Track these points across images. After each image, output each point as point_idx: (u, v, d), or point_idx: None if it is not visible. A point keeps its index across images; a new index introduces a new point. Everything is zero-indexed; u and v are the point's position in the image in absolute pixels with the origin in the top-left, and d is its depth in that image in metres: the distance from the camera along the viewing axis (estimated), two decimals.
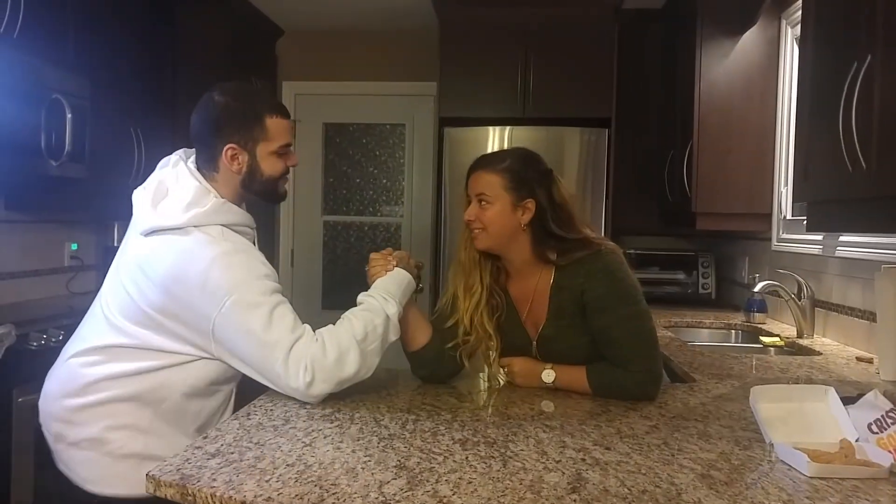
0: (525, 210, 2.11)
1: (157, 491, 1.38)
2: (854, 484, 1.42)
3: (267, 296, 1.88)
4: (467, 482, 1.38)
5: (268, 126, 2.03)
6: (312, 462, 1.48)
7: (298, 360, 1.84)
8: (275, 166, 2.07)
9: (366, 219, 6.12)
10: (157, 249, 1.92)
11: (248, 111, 2.02)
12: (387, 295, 2.04)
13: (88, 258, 4.53)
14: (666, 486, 1.38)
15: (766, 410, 1.72)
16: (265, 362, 1.86)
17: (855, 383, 2.45)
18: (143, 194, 2.01)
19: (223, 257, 1.88)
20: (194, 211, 1.93)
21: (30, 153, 3.21)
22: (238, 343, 1.87)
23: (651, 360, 2.07)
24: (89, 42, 3.72)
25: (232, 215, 2.01)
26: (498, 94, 4.70)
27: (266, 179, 2.07)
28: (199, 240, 1.91)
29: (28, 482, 2.82)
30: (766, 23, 4.03)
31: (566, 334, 2.14)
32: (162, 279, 1.88)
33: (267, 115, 2.03)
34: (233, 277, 1.87)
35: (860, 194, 2.05)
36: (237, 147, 2.01)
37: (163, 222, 1.93)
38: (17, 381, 2.77)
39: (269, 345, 1.84)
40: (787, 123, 3.93)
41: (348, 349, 1.89)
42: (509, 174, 2.12)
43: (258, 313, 1.85)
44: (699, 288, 4.76)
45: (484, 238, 2.13)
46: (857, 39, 2.07)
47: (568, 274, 2.11)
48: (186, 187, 1.99)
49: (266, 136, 2.03)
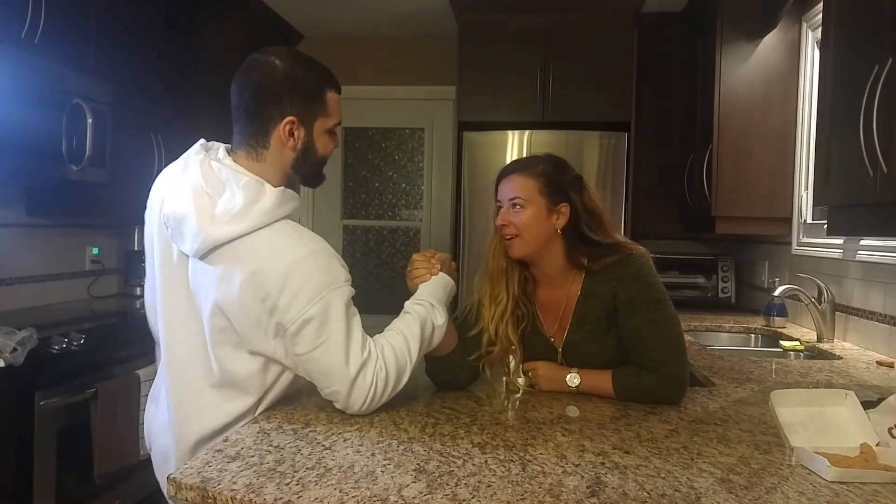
0: (560, 215, 2.10)
1: (178, 494, 1.39)
2: (874, 488, 1.41)
3: (347, 307, 1.78)
4: (486, 486, 1.39)
5: (328, 100, 1.90)
6: (332, 465, 1.48)
7: (363, 386, 1.77)
8: (327, 145, 1.94)
9: (385, 223, 6.13)
10: (226, 268, 1.73)
11: (312, 81, 1.88)
12: (435, 302, 1.98)
13: (109, 262, 4.56)
14: (685, 491, 1.38)
15: (786, 415, 1.72)
16: (330, 380, 1.77)
17: (875, 387, 2.44)
18: (182, 211, 1.78)
19: (302, 263, 1.72)
20: (256, 209, 1.73)
21: (51, 158, 3.23)
22: (308, 353, 1.75)
23: (678, 365, 2.06)
24: (110, 47, 3.74)
25: (291, 203, 1.83)
26: (517, 99, 4.71)
27: (319, 159, 1.94)
28: (275, 242, 1.74)
29: (50, 485, 2.84)
30: (787, 26, 4.01)
31: (591, 339, 2.13)
32: (241, 295, 1.71)
33: (328, 88, 1.90)
34: (316, 284, 1.72)
35: (881, 198, 2.04)
36: (297, 121, 1.85)
37: (223, 234, 1.71)
38: (39, 384, 2.79)
39: (340, 364, 1.74)
40: (808, 127, 3.91)
41: (404, 371, 1.85)
42: (544, 178, 2.10)
43: (338, 326, 1.74)
44: (719, 292, 4.74)
45: (519, 245, 2.11)
46: (878, 42, 2.06)
47: (599, 279, 2.11)
48: (236, 185, 1.77)
49: (326, 112, 1.90)
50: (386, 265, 6.09)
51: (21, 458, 2.75)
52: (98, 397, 2.96)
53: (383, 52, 5.85)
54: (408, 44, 5.80)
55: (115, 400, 3.05)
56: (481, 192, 4.60)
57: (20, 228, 3.83)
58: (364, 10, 5.21)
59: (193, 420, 1.85)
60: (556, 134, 4.57)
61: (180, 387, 1.89)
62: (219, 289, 1.74)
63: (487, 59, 4.73)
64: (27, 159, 3.10)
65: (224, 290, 1.73)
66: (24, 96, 3.04)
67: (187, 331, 1.85)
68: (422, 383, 2.20)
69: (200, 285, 1.79)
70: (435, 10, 5.03)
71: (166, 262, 1.88)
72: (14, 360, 2.62)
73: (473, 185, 4.64)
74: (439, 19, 5.14)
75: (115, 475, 3.10)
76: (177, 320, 1.87)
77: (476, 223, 4.62)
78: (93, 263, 4.41)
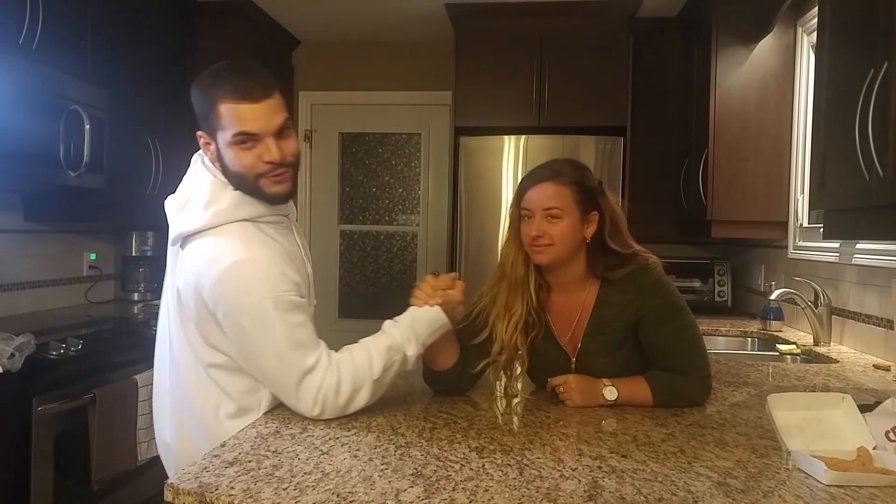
0: (590, 223, 2.07)
1: (176, 499, 1.39)
2: (871, 492, 1.42)
3: (285, 315, 1.76)
4: (484, 490, 1.39)
5: (220, 112, 1.80)
6: (330, 470, 1.49)
7: (311, 391, 1.78)
8: (236, 159, 1.82)
9: (382, 228, 6.13)
10: (186, 258, 1.84)
11: (200, 99, 1.85)
12: (412, 335, 1.91)
13: (107, 268, 4.56)
14: (682, 494, 1.39)
15: (783, 418, 1.72)
16: (278, 385, 1.82)
17: (872, 391, 2.44)
18: (169, 203, 1.92)
19: (238, 268, 1.76)
20: (214, 209, 1.81)
21: (48, 164, 3.24)
22: (253, 360, 1.80)
23: (707, 366, 2.09)
24: (107, 53, 3.75)
25: (254, 207, 1.86)
26: (513, 104, 4.71)
27: (234, 174, 1.85)
28: (218, 245, 1.79)
29: (47, 491, 2.84)
30: (782, 30, 4.02)
31: (606, 350, 2.12)
32: (194, 288, 1.79)
33: (220, 98, 1.80)
34: (248, 293, 1.75)
35: (877, 202, 2.04)
36: (204, 136, 1.87)
37: (184, 227, 1.83)
38: (36, 389, 2.79)
39: (281, 371, 1.78)
40: (804, 131, 3.92)
41: (362, 386, 1.83)
42: (577, 186, 2.05)
43: (274, 334, 1.75)
44: (715, 296, 4.74)
45: (550, 252, 2.05)
46: (873, 46, 2.06)
47: (616, 290, 2.09)
48: (202, 184, 1.86)
49: (220, 125, 1.81)
50: (383, 270, 6.09)
51: (19, 463, 2.75)
52: (96, 403, 2.97)
53: (380, 58, 5.85)
54: (404, 49, 5.80)
55: (113, 405, 3.05)
56: (478, 196, 4.61)
57: (18, 234, 3.83)
58: (361, 16, 5.21)
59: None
60: (552, 139, 4.59)
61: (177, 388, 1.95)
62: (180, 278, 1.85)
63: (483, 65, 4.73)
64: (25, 165, 3.10)
65: (182, 281, 1.84)
66: (22, 102, 3.05)
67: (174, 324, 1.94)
68: (419, 389, 2.20)
69: (175, 274, 1.90)
70: (431, 16, 5.03)
71: (171, 260, 1.97)
72: (12, 366, 2.62)
73: (470, 190, 4.65)
74: (435, 25, 5.15)
75: (113, 480, 3.10)
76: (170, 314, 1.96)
77: (472, 227, 4.63)
78: (90, 269, 4.41)
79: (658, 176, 4.84)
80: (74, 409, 2.93)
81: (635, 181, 4.67)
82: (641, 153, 4.75)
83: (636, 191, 4.68)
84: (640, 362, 2.12)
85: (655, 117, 4.87)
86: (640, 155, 4.73)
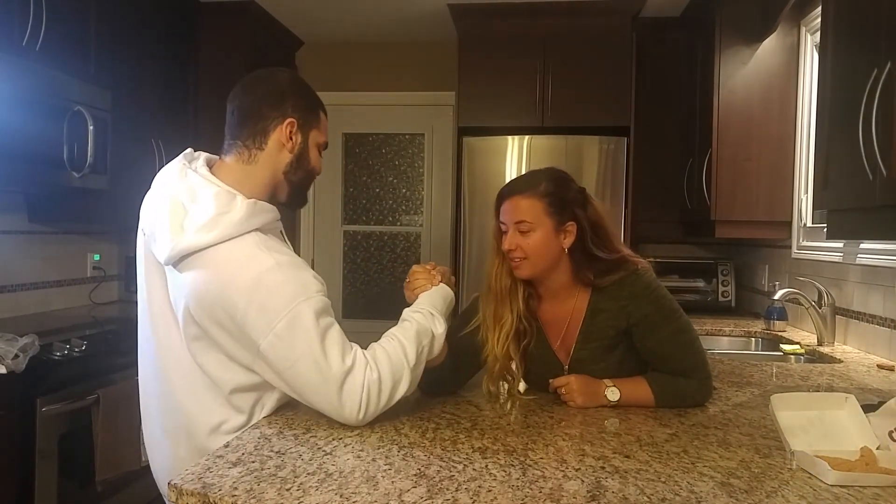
0: (567, 234, 2.06)
1: (179, 499, 1.39)
2: (875, 492, 1.42)
3: (319, 318, 1.71)
4: (487, 490, 1.39)
5: (321, 118, 1.99)
6: (333, 471, 1.49)
7: (355, 391, 1.71)
8: (317, 160, 1.99)
9: (385, 228, 6.14)
10: (196, 274, 1.72)
11: (311, 95, 1.98)
12: (434, 311, 1.95)
13: (111, 269, 4.57)
14: (686, 495, 1.38)
15: (787, 418, 1.71)
16: (317, 393, 1.72)
17: (876, 391, 2.44)
18: (157, 220, 1.80)
19: (268, 274, 1.70)
20: (225, 220, 1.73)
21: (52, 165, 3.25)
22: (290, 369, 1.70)
23: (706, 365, 2.10)
24: (111, 54, 3.76)
25: (264, 215, 1.82)
26: (516, 104, 4.71)
27: (309, 171, 1.98)
28: (239, 254, 1.73)
29: (51, 491, 2.84)
30: (786, 30, 4.02)
31: (598, 356, 2.12)
32: (210, 305, 1.70)
33: (322, 109, 2.00)
34: (281, 297, 1.69)
35: (881, 201, 2.04)
36: (297, 124, 1.90)
37: (190, 244, 1.71)
38: (40, 390, 2.80)
39: (322, 375, 1.69)
40: (807, 131, 3.92)
41: (401, 377, 1.79)
42: (549, 198, 2.05)
43: (309, 339, 1.69)
44: (719, 296, 4.74)
45: (527, 266, 2.06)
46: (876, 46, 2.06)
47: (607, 296, 2.09)
48: (204, 197, 1.77)
49: (319, 126, 1.97)
50: (386, 270, 6.09)
51: (23, 464, 2.75)
52: (100, 403, 2.97)
53: (383, 59, 5.86)
54: (407, 50, 5.81)
55: (117, 406, 3.06)
56: (481, 196, 4.60)
57: (22, 235, 3.84)
58: (364, 17, 5.21)
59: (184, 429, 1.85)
60: (555, 139, 4.58)
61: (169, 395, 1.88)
62: (189, 298, 1.73)
63: (487, 65, 4.73)
64: (28, 166, 3.11)
65: (194, 300, 1.72)
66: (26, 104, 3.05)
67: (168, 339, 1.84)
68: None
69: (174, 293, 1.79)
70: (434, 17, 5.03)
71: (149, 271, 1.88)
72: (16, 367, 2.63)
73: (473, 190, 4.65)
74: (438, 25, 5.15)
75: (117, 481, 3.10)
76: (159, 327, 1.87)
77: (476, 228, 4.63)
78: (94, 270, 4.42)
79: (662, 176, 4.84)
80: (78, 409, 2.94)
81: (639, 181, 4.67)
82: (645, 153, 4.75)
83: (640, 191, 4.68)
84: (636, 364, 2.12)
85: (659, 117, 4.86)
86: (643, 155, 4.73)
